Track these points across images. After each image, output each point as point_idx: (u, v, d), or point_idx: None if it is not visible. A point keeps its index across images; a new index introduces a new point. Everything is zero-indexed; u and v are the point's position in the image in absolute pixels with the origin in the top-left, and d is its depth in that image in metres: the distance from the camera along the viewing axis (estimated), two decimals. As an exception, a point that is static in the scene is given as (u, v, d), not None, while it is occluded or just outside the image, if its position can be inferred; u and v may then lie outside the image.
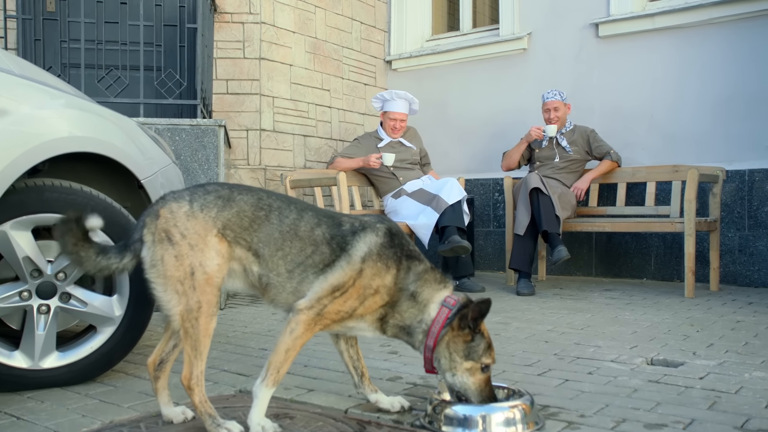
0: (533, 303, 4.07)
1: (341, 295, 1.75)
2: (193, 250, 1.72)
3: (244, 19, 5.25)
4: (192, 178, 3.89)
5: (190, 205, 1.76)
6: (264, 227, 1.80)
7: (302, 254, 1.80)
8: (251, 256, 1.80)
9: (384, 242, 1.81)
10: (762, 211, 4.69)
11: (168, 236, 1.73)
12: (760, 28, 4.76)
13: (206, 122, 3.90)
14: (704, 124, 4.98)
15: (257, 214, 1.81)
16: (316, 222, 1.84)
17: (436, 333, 1.78)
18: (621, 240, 5.27)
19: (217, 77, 5.20)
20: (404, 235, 1.89)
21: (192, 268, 1.71)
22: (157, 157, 2.57)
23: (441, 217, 4.55)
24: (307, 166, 5.65)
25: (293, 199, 1.92)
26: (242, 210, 1.80)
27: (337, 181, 4.17)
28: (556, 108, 4.97)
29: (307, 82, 5.69)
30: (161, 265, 1.72)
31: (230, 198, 1.81)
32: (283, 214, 1.83)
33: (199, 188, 1.83)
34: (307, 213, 1.86)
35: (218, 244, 1.75)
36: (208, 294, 1.72)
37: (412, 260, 1.83)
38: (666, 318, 3.44)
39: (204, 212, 1.76)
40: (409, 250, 1.84)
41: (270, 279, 1.80)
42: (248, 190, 1.86)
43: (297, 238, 1.81)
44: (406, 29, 6.52)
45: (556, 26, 5.65)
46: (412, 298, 1.80)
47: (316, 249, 1.80)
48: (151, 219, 1.76)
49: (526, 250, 4.57)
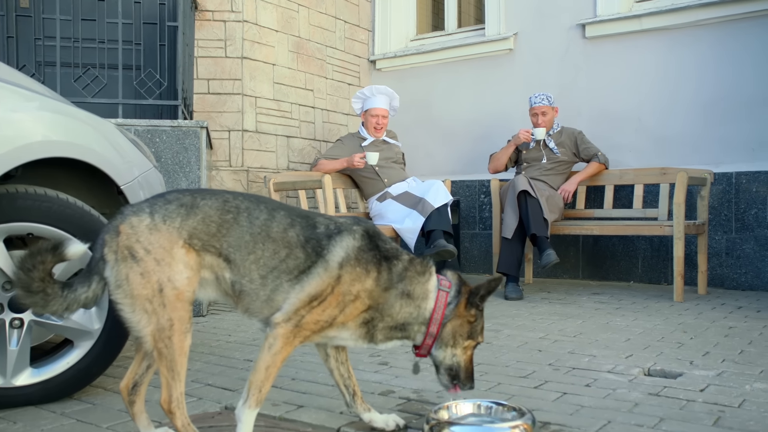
0: (522, 308, 4.01)
1: (319, 304, 1.67)
2: (159, 265, 1.62)
3: (225, 17, 5.13)
4: (173, 181, 3.78)
5: (152, 218, 1.66)
6: (233, 231, 1.70)
7: (276, 258, 1.70)
8: (222, 263, 1.70)
9: (362, 245, 1.73)
10: (749, 213, 4.67)
11: (131, 253, 1.62)
12: (747, 31, 4.74)
13: (188, 123, 3.78)
14: (692, 126, 4.95)
15: (224, 218, 1.71)
16: (289, 222, 1.75)
17: (440, 319, 1.74)
18: (608, 243, 5.23)
19: (198, 77, 5.07)
20: (380, 234, 1.80)
21: (160, 285, 1.61)
22: (137, 161, 2.46)
23: (427, 221, 4.47)
24: (291, 168, 5.55)
25: (263, 198, 1.82)
26: (208, 215, 1.70)
27: (322, 184, 4.07)
28: (543, 112, 4.92)
29: (290, 81, 5.59)
30: (127, 284, 1.61)
31: (193, 204, 1.70)
32: (252, 215, 1.73)
33: (158, 198, 1.72)
34: (278, 213, 1.76)
35: (186, 256, 1.65)
36: (180, 310, 1.62)
37: (391, 260, 1.75)
38: (658, 324, 3.39)
39: (167, 223, 1.66)
40: (386, 249, 1.76)
41: (243, 286, 1.70)
42: (212, 193, 1.76)
43: (269, 239, 1.71)
44: (391, 28, 6.43)
45: (542, 27, 5.60)
46: (407, 296, 1.72)
47: (290, 252, 1.71)
48: (111, 236, 1.65)
49: (514, 254, 4.51)
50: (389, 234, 4.63)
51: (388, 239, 1.80)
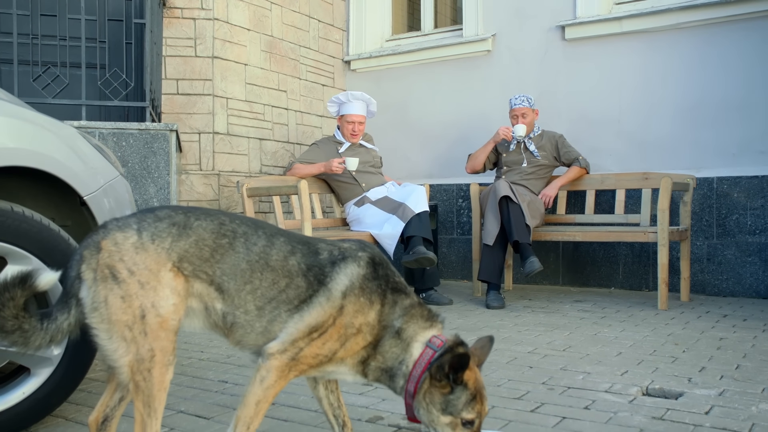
0: (505, 318, 3.89)
1: (319, 336, 1.51)
2: (143, 288, 1.45)
3: (195, 14, 4.92)
4: (141, 187, 3.57)
5: (139, 235, 1.49)
6: (228, 257, 1.54)
7: (274, 288, 1.54)
8: (214, 292, 1.54)
9: (367, 274, 1.57)
10: (730, 219, 4.62)
11: (113, 273, 1.45)
12: (728, 34, 4.69)
13: (156, 126, 3.58)
14: (672, 130, 4.89)
15: (219, 242, 1.55)
16: (289, 249, 1.59)
17: (417, 377, 1.53)
18: (588, 248, 5.15)
19: (167, 76, 4.86)
20: (388, 264, 1.65)
21: (143, 311, 1.44)
22: (102, 169, 2.27)
23: (407, 227, 4.32)
24: (264, 171, 5.36)
25: (261, 222, 1.66)
26: (201, 238, 1.53)
27: (298, 190, 3.90)
28: (524, 114, 4.81)
29: (263, 82, 5.40)
30: (105, 307, 1.44)
31: (186, 225, 1.54)
32: (250, 241, 1.57)
33: (148, 214, 1.55)
34: (278, 239, 1.60)
35: (173, 280, 1.48)
36: (163, 340, 1.46)
37: (398, 294, 1.59)
38: (647, 335, 3.30)
39: (156, 243, 1.49)
40: (394, 282, 1.61)
41: (236, 318, 1.54)
42: (206, 213, 1.59)
43: (268, 268, 1.55)
44: (366, 28, 6.28)
45: (521, 28, 5.50)
46: (396, 335, 1.56)
47: (291, 282, 1.55)
48: (90, 252, 1.47)
49: (495, 261, 4.39)
50: (367, 240, 4.48)
51: (395, 270, 1.65)
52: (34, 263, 1.90)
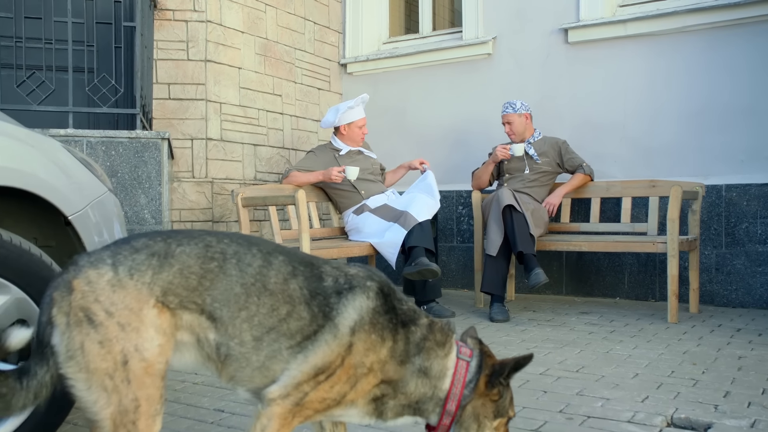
0: (511, 332, 3.75)
1: (327, 378, 1.36)
2: (124, 330, 1.29)
3: (187, 17, 4.76)
4: (131, 198, 3.41)
5: (115, 271, 1.33)
6: (219, 282, 1.39)
7: (274, 316, 1.39)
8: (205, 321, 1.38)
9: (377, 306, 1.43)
10: (739, 228, 4.50)
11: (88, 316, 1.29)
12: (736, 38, 4.57)
13: (147, 134, 3.42)
14: (678, 135, 4.76)
15: (207, 267, 1.39)
16: (290, 271, 1.43)
17: (458, 395, 1.46)
18: (593, 257, 5.01)
19: (158, 81, 4.69)
20: (396, 291, 1.51)
21: (124, 356, 1.29)
22: (88, 185, 2.11)
23: (408, 236, 4.17)
24: (258, 178, 5.20)
25: (254, 238, 1.50)
26: (186, 266, 1.37)
27: (296, 200, 3.74)
28: (509, 122, 4.69)
29: (258, 86, 5.24)
30: (81, 355, 1.28)
31: (167, 253, 1.37)
32: (243, 262, 1.41)
33: (123, 246, 1.38)
34: (276, 258, 1.44)
35: (158, 318, 1.33)
36: (148, 387, 1.30)
37: (408, 326, 1.46)
38: (661, 353, 3.16)
39: (135, 278, 1.33)
40: (404, 312, 1.47)
41: (230, 349, 1.38)
42: (189, 237, 1.43)
43: (266, 292, 1.40)
44: (362, 30, 6.13)
45: (522, 31, 5.36)
46: (422, 374, 1.43)
47: (293, 310, 1.40)
48: (61, 294, 1.31)
49: (499, 273, 4.25)
50: (367, 250, 4.33)
51: (403, 297, 1.50)
52: (13, 292, 1.74)
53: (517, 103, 4.69)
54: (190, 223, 4.71)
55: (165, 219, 3.49)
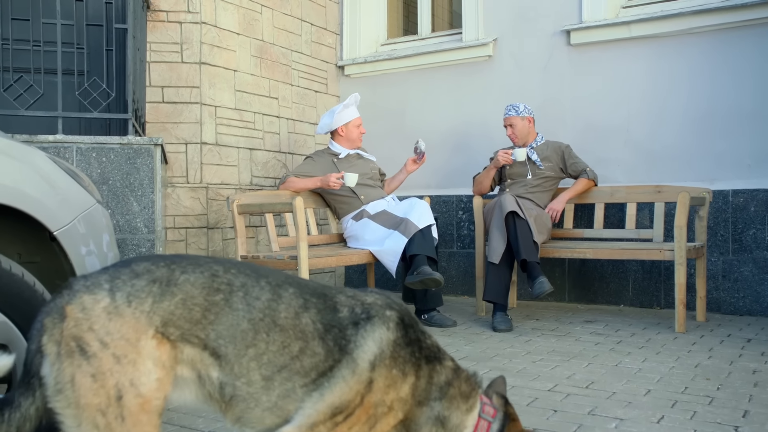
0: (515, 344, 3.64)
1: (345, 419, 1.25)
2: (119, 363, 1.18)
3: (181, 18, 4.64)
4: (122, 206, 3.29)
5: (112, 297, 1.22)
6: (225, 316, 1.28)
7: (285, 353, 1.28)
8: (208, 357, 1.27)
9: (397, 339, 1.32)
10: (747, 234, 4.40)
11: (80, 346, 1.18)
12: (742, 40, 4.47)
13: (140, 140, 3.30)
14: (684, 140, 4.66)
15: (212, 299, 1.28)
16: (301, 304, 1.32)
17: None
18: (596, 264, 4.91)
19: (151, 84, 4.57)
20: (418, 323, 1.40)
21: (119, 391, 1.18)
22: (76, 198, 1.99)
23: (409, 244, 4.06)
24: (254, 183, 5.08)
25: (263, 269, 1.39)
26: (189, 295, 1.26)
27: (294, 208, 3.63)
28: (511, 125, 4.59)
29: (253, 89, 5.12)
30: (71, 389, 1.18)
31: (170, 280, 1.26)
32: (251, 294, 1.31)
33: (122, 270, 1.27)
34: (286, 290, 1.33)
35: (157, 350, 1.22)
36: (144, 425, 1.19)
37: (433, 364, 1.34)
38: (672, 366, 3.06)
39: (133, 305, 1.22)
40: (427, 347, 1.36)
41: (237, 389, 1.27)
42: (195, 263, 1.32)
43: (276, 328, 1.29)
44: (360, 32, 6.01)
45: (524, 32, 5.26)
46: (439, 423, 1.32)
47: (306, 346, 1.29)
48: (53, 321, 1.20)
49: (501, 281, 4.14)
50: (367, 258, 4.21)
51: (425, 330, 1.39)
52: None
53: (520, 106, 4.59)
54: (185, 230, 4.60)
55: (158, 228, 3.37)
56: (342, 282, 6.01)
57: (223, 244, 4.78)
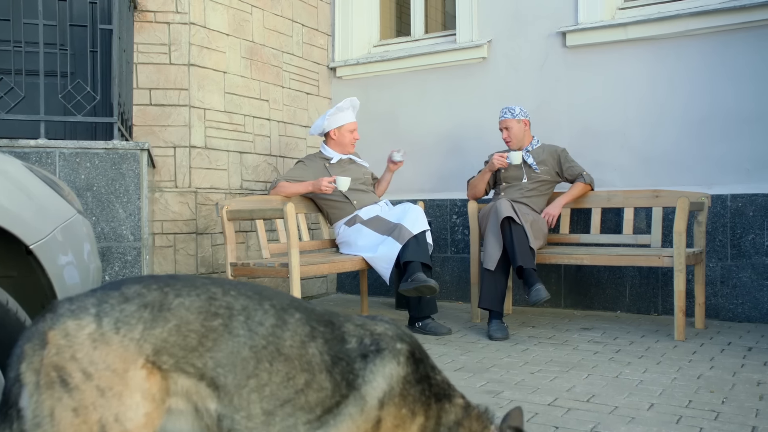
0: (512, 352, 3.55)
1: None
2: (104, 396, 1.08)
3: (169, 18, 4.53)
4: (107, 213, 3.18)
5: (98, 323, 1.12)
6: (224, 343, 1.17)
7: (290, 386, 1.18)
8: (205, 388, 1.17)
9: (407, 375, 1.22)
10: (745, 239, 4.33)
11: (61, 377, 1.08)
12: (741, 42, 4.41)
13: (125, 145, 3.20)
14: (681, 143, 4.60)
15: (210, 325, 1.17)
16: (308, 332, 1.22)
17: None
18: (592, 269, 4.83)
19: (139, 86, 4.46)
20: (428, 357, 1.30)
21: (102, 427, 1.08)
22: (54, 208, 1.89)
23: (403, 250, 3.97)
24: (245, 187, 4.98)
25: (266, 291, 1.28)
26: (185, 321, 1.16)
27: (284, 214, 3.53)
28: (507, 127, 4.51)
29: (244, 91, 5.01)
30: (50, 423, 1.08)
31: (163, 304, 1.16)
32: (253, 319, 1.20)
33: (111, 293, 1.17)
34: (291, 316, 1.23)
35: (146, 381, 1.11)
36: None
37: (442, 402, 1.25)
38: (674, 378, 2.98)
39: (122, 332, 1.12)
40: (437, 383, 1.27)
41: (236, 423, 1.17)
42: (190, 285, 1.21)
43: (280, 357, 1.19)
44: (352, 33, 5.92)
45: (519, 34, 5.17)
46: None
47: (312, 380, 1.19)
48: (33, 347, 1.10)
49: (497, 288, 4.05)
50: (360, 265, 4.12)
51: (435, 365, 1.30)
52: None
53: (516, 109, 4.51)
54: (173, 236, 4.49)
55: (145, 235, 3.26)
56: (334, 287, 5.91)
57: (213, 249, 4.68)
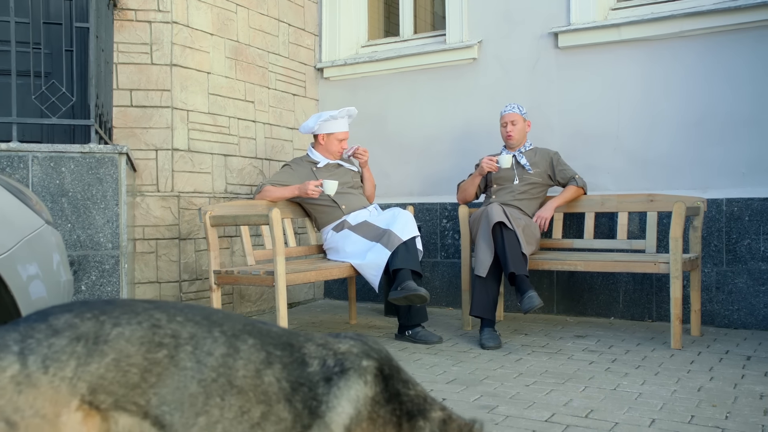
0: (505, 362, 3.44)
1: None
2: None
3: (151, 17, 4.39)
4: (84, 221, 3.04)
5: (23, 363, 0.98)
6: (169, 377, 1.04)
7: (244, 421, 1.06)
8: (150, 428, 1.04)
9: (376, 395, 1.11)
10: (741, 244, 4.25)
11: None
12: (737, 43, 4.33)
13: (102, 149, 3.06)
14: (676, 146, 4.51)
15: (154, 357, 1.04)
16: (263, 358, 1.10)
17: None
18: (585, 275, 4.74)
19: (119, 87, 4.31)
20: (400, 371, 1.19)
21: None
22: (20, 219, 1.75)
23: (393, 257, 3.85)
24: (229, 191, 4.84)
25: (216, 315, 1.15)
26: (124, 354, 1.03)
27: (270, 220, 3.40)
28: (513, 121, 4.41)
29: (228, 92, 4.87)
30: None
31: (99, 336, 1.03)
32: (201, 349, 1.07)
33: (36, 324, 1.02)
34: (244, 342, 1.10)
35: (82, 425, 0.98)
36: None
37: (416, 420, 1.13)
38: (674, 390, 2.88)
39: (51, 371, 0.98)
40: (411, 399, 1.15)
41: None
42: (130, 312, 1.08)
43: (233, 390, 1.06)
44: (340, 33, 5.80)
45: (510, 34, 5.07)
46: None
47: (269, 411, 1.06)
48: None
49: (489, 295, 3.94)
50: (348, 272, 3.99)
51: (409, 378, 1.17)
52: None
53: (524, 108, 4.47)
54: (155, 241, 4.34)
55: (123, 243, 3.12)
56: (321, 293, 5.78)
57: (196, 255, 4.54)
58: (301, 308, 5.36)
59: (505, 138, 4.46)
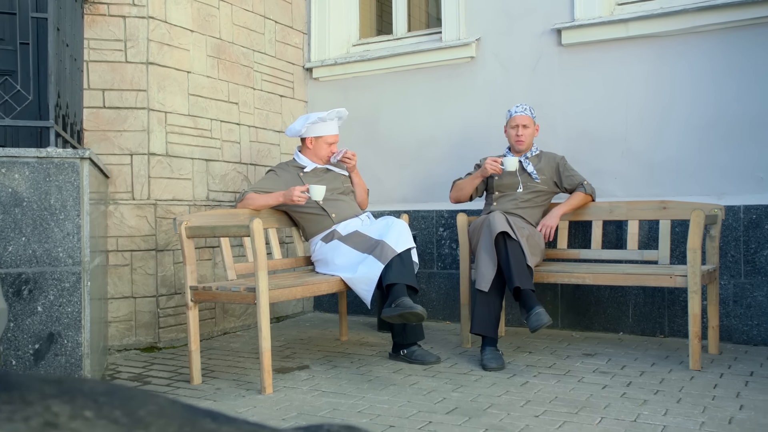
0: (510, 387, 3.13)
1: None
2: None
3: (125, 12, 4.07)
4: (40, 233, 2.71)
5: None
6: None
7: None
8: None
9: None
10: (761, 255, 3.96)
11: None
12: (750, 39, 4.05)
13: (62, 153, 2.73)
14: (688, 149, 4.22)
15: None
16: None
17: None
18: (592, 287, 4.44)
19: (90, 86, 4.00)
20: None
21: None
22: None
23: (386, 271, 3.52)
24: (211, 198, 4.52)
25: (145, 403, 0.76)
26: None
27: (251, 231, 3.08)
28: (525, 125, 4.10)
29: (210, 93, 4.56)
30: None
31: None
32: None
33: None
34: None
35: None
36: None
37: None
38: (701, 421, 2.58)
39: None
40: None
41: None
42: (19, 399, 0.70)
43: None
44: (330, 31, 5.49)
45: (510, 31, 4.78)
46: None
47: None
48: None
49: (491, 311, 3.63)
50: (337, 287, 3.67)
51: None
52: None
53: (533, 110, 4.19)
54: (129, 253, 4.02)
55: (86, 258, 2.80)
56: (311, 306, 5.46)
57: (175, 268, 4.21)
58: (289, 322, 5.04)
59: (515, 142, 4.14)
